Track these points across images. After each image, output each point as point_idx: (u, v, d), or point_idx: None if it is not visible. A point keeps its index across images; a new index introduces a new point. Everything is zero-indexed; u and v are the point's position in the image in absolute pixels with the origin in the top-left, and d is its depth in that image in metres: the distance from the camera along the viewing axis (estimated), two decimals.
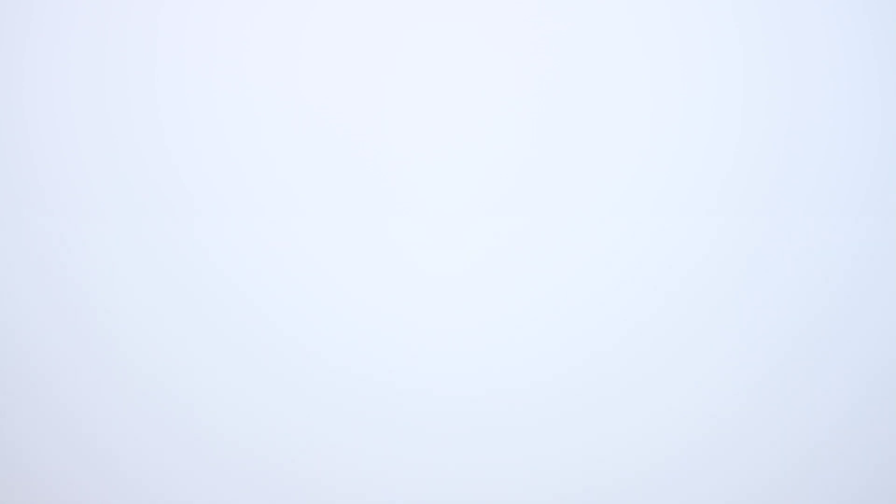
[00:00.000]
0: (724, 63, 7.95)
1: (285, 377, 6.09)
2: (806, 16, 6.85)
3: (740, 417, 7.34)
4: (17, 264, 8.43)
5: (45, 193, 8.84)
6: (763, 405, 8.01)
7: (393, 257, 7.30)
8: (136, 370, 6.31)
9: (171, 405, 5.98)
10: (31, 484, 5.75)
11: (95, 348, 5.56)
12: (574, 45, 7.97)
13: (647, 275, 8.87)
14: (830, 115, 7.81)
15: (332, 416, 7.02)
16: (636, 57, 7.72)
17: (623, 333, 8.60)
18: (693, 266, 7.33)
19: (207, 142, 8.92)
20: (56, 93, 8.20)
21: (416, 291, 5.64)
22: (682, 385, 8.19)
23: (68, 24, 7.59)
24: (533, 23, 7.45)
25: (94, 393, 5.51)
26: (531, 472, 5.63)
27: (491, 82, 8.42)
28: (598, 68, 7.08)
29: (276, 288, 5.26)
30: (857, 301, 8.01)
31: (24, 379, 7.85)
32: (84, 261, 8.51)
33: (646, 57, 7.86)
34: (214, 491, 5.67)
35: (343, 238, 5.76)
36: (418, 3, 7.31)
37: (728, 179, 8.92)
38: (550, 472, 5.81)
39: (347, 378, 6.91)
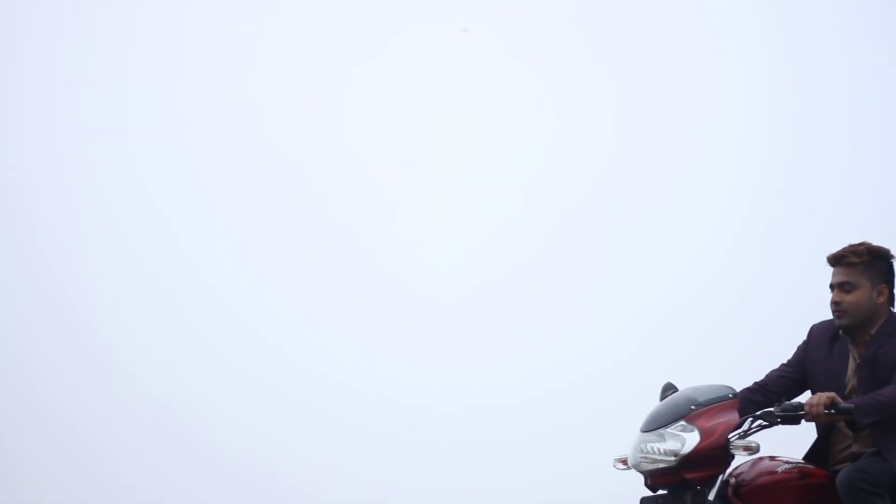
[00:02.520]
0: (735, 77, 7.73)
1: (285, 392, 5.95)
2: (823, 22, 6.69)
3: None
4: (10, 276, 8.24)
5: (41, 205, 8.61)
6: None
7: (394, 273, 7.09)
8: (129, 379, 6.16)
9: (170, 419, 5.83)
10: (24, 491, 5.63)
11: (89, 358, 5.43)
12: (590, 52, 7.78)
13: (655, 285, 8.65)
14: (839, 124, 7.58)
15: (330, 429, 6.82)
16: (645, 69, 7.47)
17: (630, 348, 8.41)
18: (706, 275, 7.19)
19: (205, 152, 8.70)
20: (53, 96, 7.96)
21: (418, 307, 5.54)
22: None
23: (53, 31, 7.37)
24: (553, 23, 7.29)
25: (87, 402, 5.40)
26: (533, 478, 5.52)
27: (495, 92, 8.19)
28: (609, 74, 6.93)
29: (276, 307, 5.15)
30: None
31: (16, 386, 7.67)
32: (77, 273, 8.30)
33: (647, 62, 7.61)
34: (212, 502, 5.53)
35: (342, 251, 5.62)
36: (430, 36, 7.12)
37: (741, 189, 8.68)
38: (554, 475, 5.68)
39: (346, 392, 6.71)
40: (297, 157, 9.23)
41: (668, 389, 5.36)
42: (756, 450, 5.17)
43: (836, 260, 5.34)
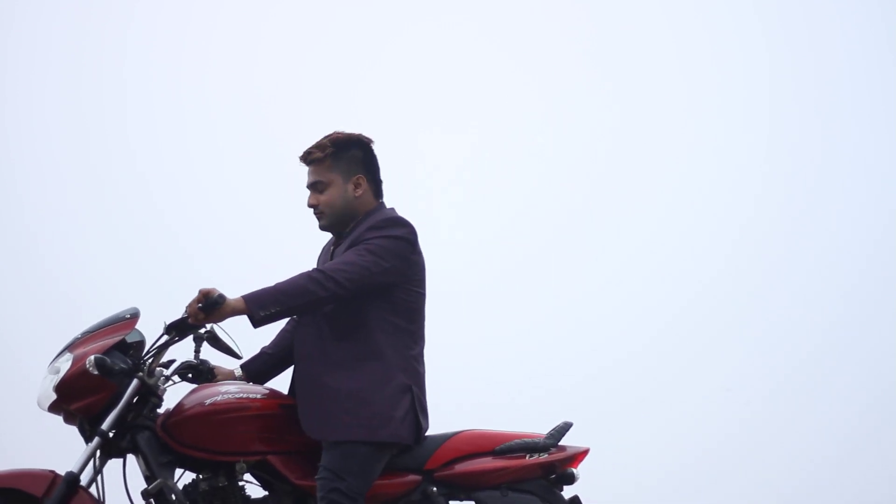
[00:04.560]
0: (740, 78, 7.66)
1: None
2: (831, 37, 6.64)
3: (754, 423, 7.19)
4: (10, 276, 8.15)
5: (41, 205, 8.53)
6: (778, 409, 7.77)
7: None
8: None
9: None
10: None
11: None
12: (592, 53, 7.73)
13: (659, 288, 8.58)
14: (843, 125, 7.50)
15: None
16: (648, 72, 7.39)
17: (634, 349, 8.32)
18: (713, 275, 7.13)
19: (205, 151, 8.64)
20: (53, 95, 7.89)
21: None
22: (695, 390, 8.00)
23: (46, 35, 7.28)
24: (554, 24, 7.21)
25: None
26: None
27: (496, 92, 8.15)
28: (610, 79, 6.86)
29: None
30: (871, 309, 7.85)
31: (16, 386, 7.58)
32: (77, 273, 8.21)
33: (653, 70, 7.51)
34: None
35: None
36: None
37: (747, 189, 8.64)
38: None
39: None
40: (297, 157, 9.19)
41: None
42: (96, 364, 4.90)
43: (304, 159, 5.13)
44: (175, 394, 5.14)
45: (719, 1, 9.25)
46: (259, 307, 4.84)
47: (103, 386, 4.90)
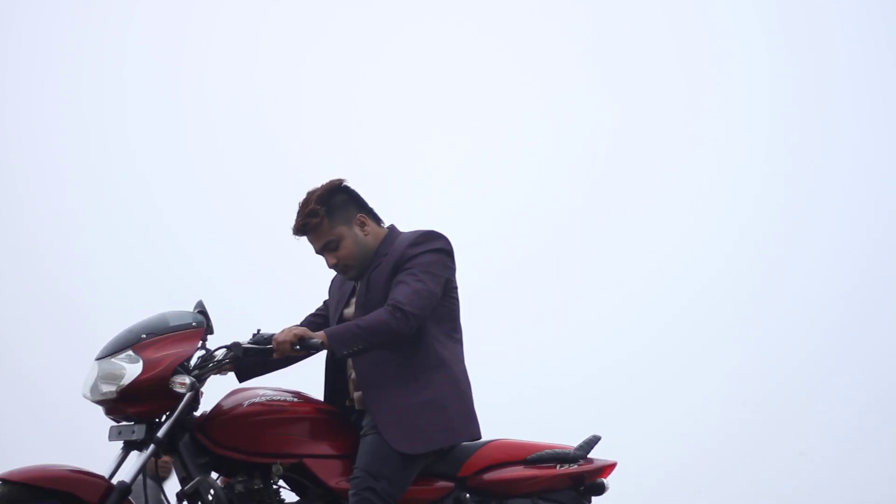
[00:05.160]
0: (738, 78, 7.64)
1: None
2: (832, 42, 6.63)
3: (754, 423, 7.15)
4: (10, 276, 8.13)
5: (41, 206, 8.51)
6: (778, 409, 7.77)
7: None
8: None
9: None
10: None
11: (89, 359, 5.38)
12: (592, 53, 7.72)
13: (659, 288, 8.59)
14: (843, 125, 7.50)
15: None
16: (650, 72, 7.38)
17: (632, 349, 8.34)
18: (713, 275, 7.14)
19: (205, 151, 8.61)
20: (53, 96, 7.87)
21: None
22: (695, 390, 8.01)
23: (47, 35, 7.26)
24: (554, 24, 7.21)
25: (88, 403, 5.35)
26: None
27: (497, 93, 8.13)
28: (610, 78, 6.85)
29: (278, 307, 5.11)
30: (871, 309, 7.85)
31: (16, 386, 7.56)
32: (77, 273, 8.20)
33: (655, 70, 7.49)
34: None
35: None
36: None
37: (747, 187, 8.64)
38: None
39: None
40: (297, 158, 9.18)
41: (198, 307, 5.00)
42: (191, 386, 4.89)
43: (302, 232, 5.13)
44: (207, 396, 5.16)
45: (719, 1, 9.25)
46: (342, 345, 4.92)
47: (170, 396, 4.92)
